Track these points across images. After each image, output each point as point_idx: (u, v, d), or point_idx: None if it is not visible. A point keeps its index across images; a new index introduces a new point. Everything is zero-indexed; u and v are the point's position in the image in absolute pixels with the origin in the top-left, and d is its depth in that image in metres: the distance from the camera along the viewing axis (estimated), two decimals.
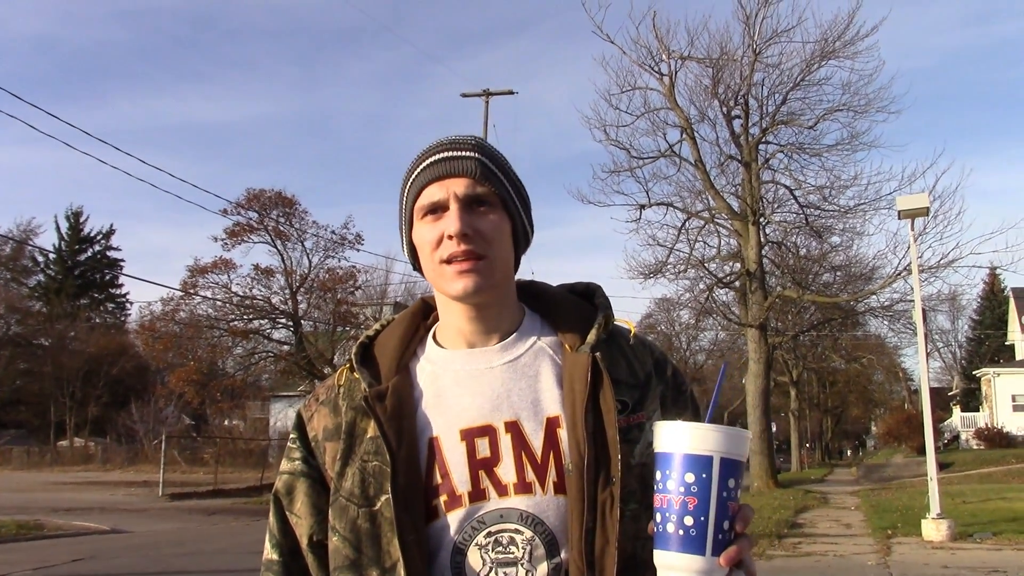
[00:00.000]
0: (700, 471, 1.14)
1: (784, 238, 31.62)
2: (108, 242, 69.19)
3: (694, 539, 1.13)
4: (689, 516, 1.14)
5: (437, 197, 1.39)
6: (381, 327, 1.53)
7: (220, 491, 27.88)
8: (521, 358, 1.43)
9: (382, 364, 1.44)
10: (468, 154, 1.41)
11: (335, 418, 1.43)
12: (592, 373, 1.36)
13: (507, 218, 1.43)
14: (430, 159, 1.41)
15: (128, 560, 12.71)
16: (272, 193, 39.10)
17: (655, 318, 56.82)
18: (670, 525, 1.15)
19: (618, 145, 29.75)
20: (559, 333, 1.46)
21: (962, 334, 70.30)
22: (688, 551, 1.14)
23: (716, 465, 1.14)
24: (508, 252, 1.43)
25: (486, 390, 1.39)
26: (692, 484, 1.14)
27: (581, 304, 1.51)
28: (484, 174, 1.40)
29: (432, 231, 1.39)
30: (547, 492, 1.32)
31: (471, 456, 1.35)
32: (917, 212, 15.96)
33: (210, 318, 39.79)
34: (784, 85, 29.22)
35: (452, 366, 1.43)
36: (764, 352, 29.89)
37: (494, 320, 1.44)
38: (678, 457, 1.15)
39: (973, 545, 13.37)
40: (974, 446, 44.09)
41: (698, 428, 1.16)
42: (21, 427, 57.54)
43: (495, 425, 1.36)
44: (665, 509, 1.16)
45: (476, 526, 1.31)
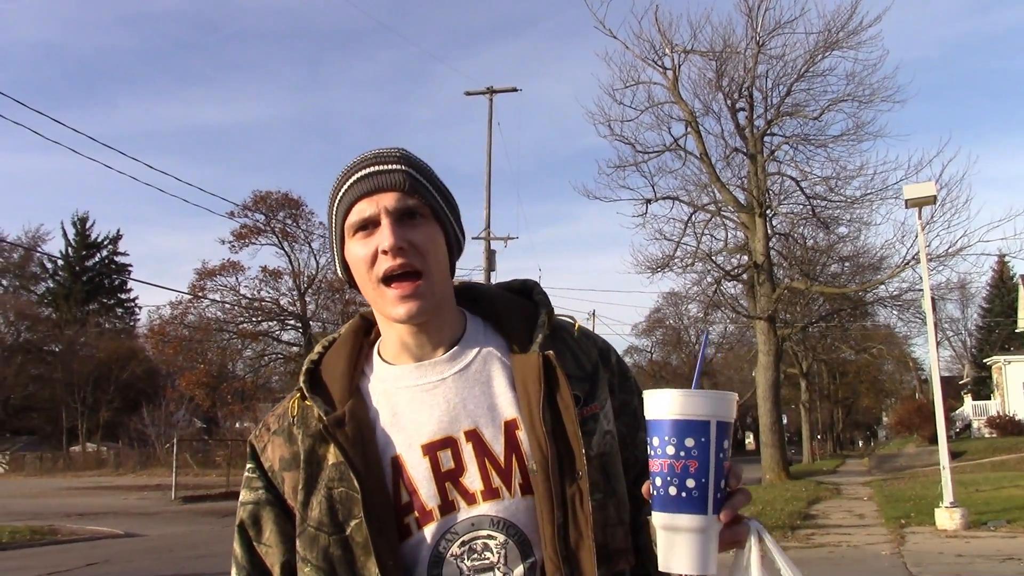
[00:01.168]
0: (699, 435, 1.18)
1: (791, 230, 31.52)
2: (115, 247, 69.43)
3: (696, 500, 1.18)
4: (691, 479, 1.18)
5: (368, 213, 1.37)
6: (324, 348, 1.50)
7: (232, 493, 27.89)
8: (471, 365, 1.42)
9: (332, 389, 1.42)
10: (395, 167, 1.39)
11: (291, 447, 1.41)
12: (544, 371, 1.37)
13: (439, 228, 1.42)
14: (357, 175, 1.39)
15: (142, 564, 12.75)
16: (278, 195, 39.29)
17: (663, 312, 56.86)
18: (672, 488, 1.18)
19: (623, 140, 29.71)
20: (504, 335, 1.46)
21: (972, 322, 70.16)
22: (691, 511, 1.18)
23: (713, 428, 1.18)
24: (444, 262, 1.42)
25: (441, 402, 1.39)
26: (692, 448, 1.18)
27: (521, 302, 1.51)
28: (413, 186, 1.38)
29: (365, 248, 1.37)
30: (514, 495, 1.33)
31: (436, 470, 1.34)
32: (924, 201, 15.90)
33: (219, 321, 39.97)
34: (788, 76, 29.14)
35: (403, 383, 1.42)
36: (773, 344, 29.81)
37: (436, 332, 1.43)
38: (676, 423, 1.19)
39: (987, 533, 13.33)
40: (986, 434, 43.95)
41: (695, 394, 1.19)
42: (33, 433, 57.79)
43: (455, 436, 1.36)
44: (666, 473, 1.19)
45: (449, 538, 1.32)
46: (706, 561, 1.19)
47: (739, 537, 1.21)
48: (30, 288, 65.22)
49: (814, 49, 28.34)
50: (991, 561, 10.67)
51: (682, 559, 1.19)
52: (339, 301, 40.45)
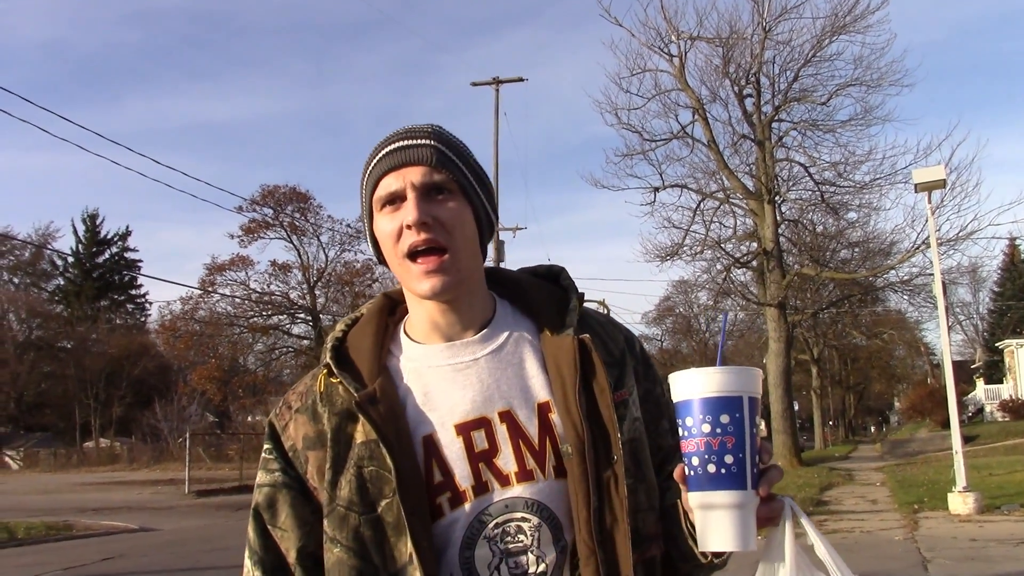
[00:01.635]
0: (733, 411, 1.19)
1: (800, 216, 31.43)
2: (125, 243, 69.65)
3: (736, 475, 1.19)
4: (729, 455, 1.19)
5: (394, 187, 1.36)
6: (347, 326, 1.48)
7: (246, 487, 28.00)
8: (503, 347, 1.42)
9: (361, 365, 1.40)
10: (424, 142, 1.38)
11: (316, 425, 1.39)
12: (580, 355, 1.36)
13: (467, 205, 1.40)
14: (386, 149, 1.39)
15: (157, 558, 12.82)
16: (286, 189, 39.35)
17: (673, 300, 56.78)
18: (710, 466, 1.19)
19: (630, 128, 29.64)
20: (533, 318, 1.45)
21: (983, 306, 69.92)
22: (731, 487, 1.19)
23: (746, 403, 1.20)
24: (471, 240, 1.40)
25: (474, 382, 1.38)
26: (728, 424, 1.19)
27: (548, 287, 1.51)
28: (441, 161, 1.37)
29: (391, 222, 1.37)
30: (548, 477, 1.33)
31: (469, 450, 1.33)
32: (934, 185, 15.82)
33: (229, 315, 40.09)
34: (795, 62, 29.01)
35: (435, 362, 1.40)
36: (784, 331, 29.75)
37: (467, 311, 1.43)
38: (711, 400, 1.20)
39: (1001, 517, 13.30)
40: (999, 418, 43.85)
41: (726, 371, 1.20)
42: (47, 430, 58.12)
43: (489, 416, 1.35)
44: (703, 451, 1.19)
45: (483, 519, 1.31)
46: (747, 537, 1.20)
47: (774, 514, 1.22)
48: (41, 285, 65.55)
49: (821, 34, 28.22)
50: (1005, 545, 10.65)
51: (724, 536, 1.20)
52: (349, 294, 40.52)
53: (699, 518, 1.21)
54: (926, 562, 9.75)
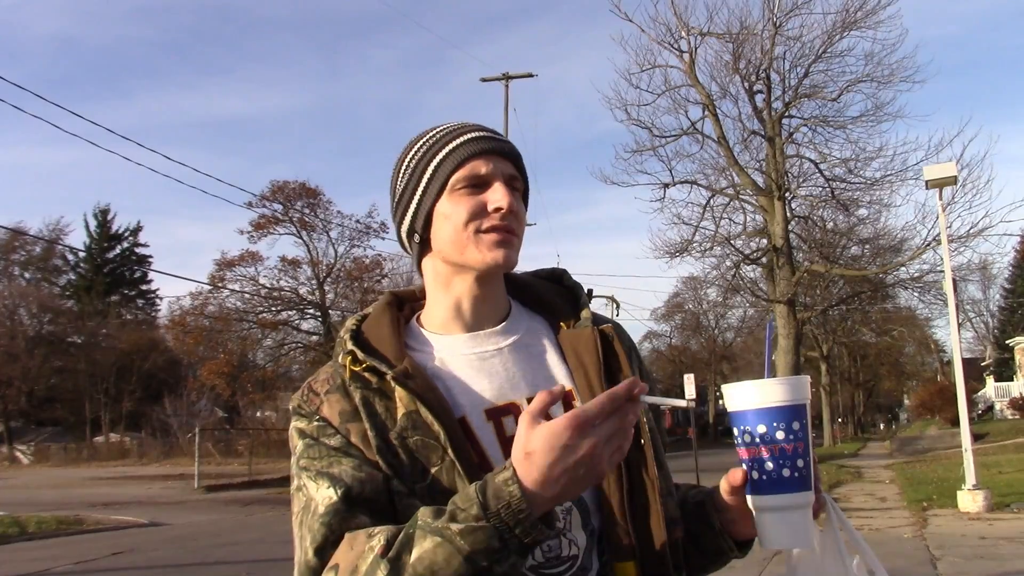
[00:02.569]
0: (801, 418, 1.28)
1: (810, 212, 31.37)
2: (136, 239, 69.83)
3: (805, 478, 1.27)
4: (800, 459, 1.27)
5: (483, 171, 1.38)
6: (357, 322, 1.46)
7: (255, 482, 28.11)
8: (524, 338, 1.45)
9: (384, 352, 1.37)
10: (506, 140, 1.44)
11: (349, 401, 1.35)
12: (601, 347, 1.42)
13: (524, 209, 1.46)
14: (472, 134, 1.41)
15: (167, 552, 12.87)
16: (296, 184, 39.39)
17: (682, 297, 56.75)
18: (786, 470, 1.26)
19: (640, 124, 29.64)
20: (544, 314, 1.50)
21: (994, 303, 69.59)
22: (801, 489, 1.27)
23: (808, 410, 1.30)
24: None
25: (500, 371, 1.40)
26: (799, 430, 1.27)
27: (555, 287, 1.55)
28: (518, 162, 1.44)
29: (470, 202, 1.37)
30: None
31: (500, 435, 1.35)
32: (945, 181, 15.78)
33: (239, 311, 40.18)
34: (806, 58, 28.96)
35: (460, 351, 1.41)
36: (793, 327, 29.71)
37: (492, 302, 1.45)
38: (784, 408, 1.27)
39: (1010, 515, 13.27)
40: (1009, 416, 43.71)
41: (794, 381, 1.29)
42: (57, 424, 58.34)
43: (518, 402, 1.37)
44: (777, 456, 1.26)
45: None
46: (810, 535, 1.29)
47: (819, 509, 1.32)
48: (52, 280, 65.73)
49: (832, 29, 28.16)
50: (1015, 543, 10.63)
51: (794, 536, 1.28)
52: (358, 290, 40.55)
53: (769, 519, 1.29)
54: (935, 560, 9.73)
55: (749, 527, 1.36)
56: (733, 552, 1.42)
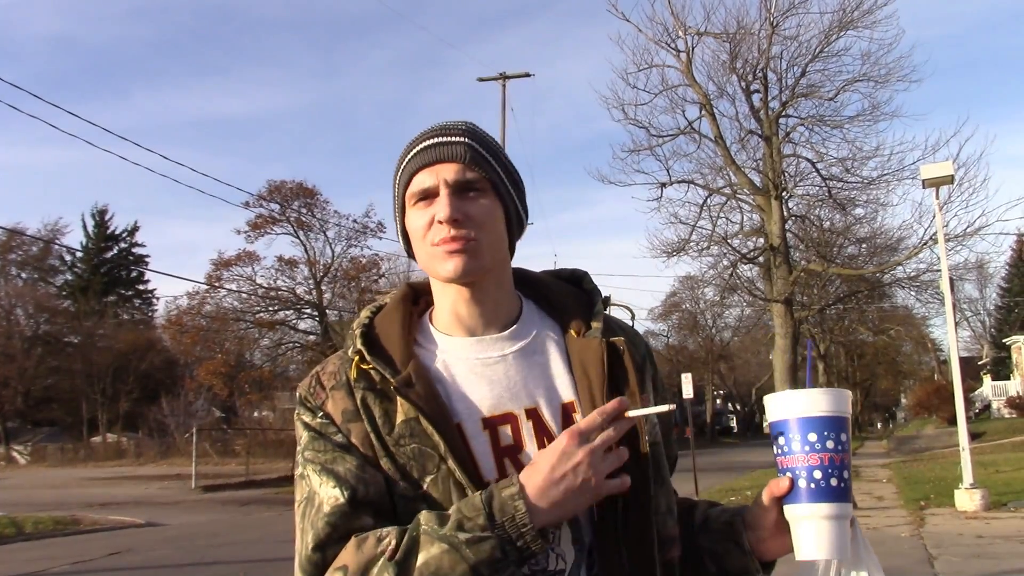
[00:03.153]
0: (846, 429, 1.30)
1: (807, 211, 31.37)
2: (133, 239, 69.82)
3: (848, 489, 1.29)
4: (845, 470, 1.29)
5: (427, 184, 1.38)
6: (372, 313, 1.47)
7: (252, 482, 28.12)
8: (530, 345, 1.43)
9: (391, 351, 1.38)
10: (458, 139, 1.40)
11: (352, 400, 1.36)
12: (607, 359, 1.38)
13: (499, 203, 1.41)
14: (420, 145, 1.40)
15: (164, 552, 12.86)
16: (293, 184, 39.35)
17: (679, 296, 56.72)
18: (833, 480, 1.27)
19: (637, 124, 29.59)
20: (558, 319, 1.47)
21: (991, 302, 69.63)
22: (844, 500, 1.28)
23: (849, 424, 1.32)
24: (500, 236, 1.42)
25: (502, 378, 1.38)
26: (845, 442, 1.29)
27: (573, 290, 1.52)
28: (474, 159, 1.39)
29: (423, 216, 1.38)
30: None
31: (495, 444, 1.34)
32: (941, 181, 15.80)
33: (236, 310, 40.13)
34: (803, 57, 28.91)
35: (464, 355, 1.41)
36: (790, 327, 29.69)
37: (491, 305, 1.43)
38: (836, 419, 1.29)
39: (1007, 514, 13.29)
40: (1006, 415, 43.75)
41: (845, 394, 1.31)
42: (54, 424, 58.30)
43: (515, 413, 1.36)
44: (826, 466, 1.28)
45: None
46: (845, 546, 1.29)
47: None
48: (49, 280, 65.65)
49: (829, 29, 28.12)
50: (1011, 542, 10.64)
51: (832, 545, 1.27)
52: (355, 289, 40.51)
53: (812, 529, 1.28)
54: (932, 559, 9.74)
55: (776, 546, 1.37)
56: (759, 573, 1.41)
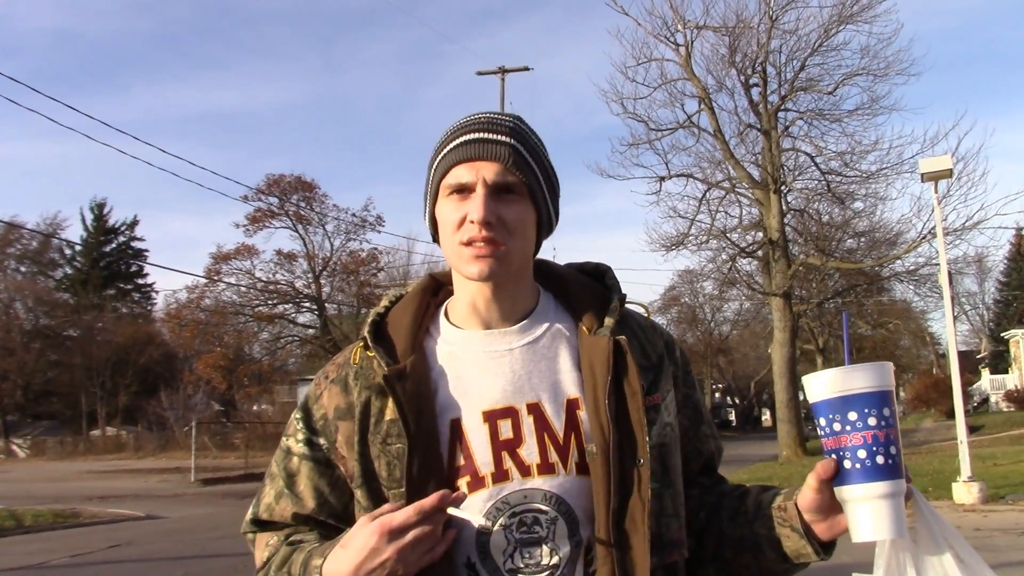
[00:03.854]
0: (891, 404, 1.26)
1: (806, 205, 31.40)
2: (132, 232, 69.74)
3: (897, 465, 1.25)
4: (892, 446, 1.25)
5: (465, 179, 1.37)
6: (391, 303, 1.51)
7: (251, 475, 28.12)
8: (540, 340, 1.43)
9: (397, 342, 1.42)
10: (503, 139, 1.38)
11: (346, 397, 1.41)
12: (614, 356, 1.37)
13: (532, 208, 1.41)
14: (464, 138, 1.39)
15: (164, 545, 12.88)
16: (292, 178, 39.29)
17: (678, 290, 56.68)
18: (879, 457, 1.24)
19: (636, 118, 29.63)
20: (573, 314, 1.46)
21: (989, 296, 69.66)
22: (895, 477, 1.25)
23: (894, 396, 1.28)
24: (529, 241, 1.42)
25: (507, 372, 1.39)
26: (890, 416, 1.26)
27: (593, 285, 1.51)
28: (516, 163, 1.38)
29: (455, 211, 1.37)
30: (570, 473, 1.34)
31: (494, 438, 1.35)
32: (940, 175, 15.80)
33: (235, 304, 40.11)
34: (802, 51, 28.96)
35: (471, 347, 1.42)
36: (789, 320, 29.74)
37: (510, 301, 1.44)
38: (875, 394, 1.25)
39: (1005, 507, 13.31)
40: (1004, 408, 43.80)
41: (882, 367, 1.27)
42: (54, 418, 58.34)
43: (517, 407, 1.37)
44: (870, 444, 1.24)
45: (500, 507, 1.32)
46: (902, 524, 1.25)
47: (908, 497, 1.28)
48: (48, 274, 65.63)
49: (828, 23, 28.16)
50: (1009, 535, 10.67)
51: (887, 525, 1.24)
52: (354, 283, 40.51)
53: (863, 509, 1.25)
54: None
55: (831, 528, 1.35)
56: (820, 555, 1.38)
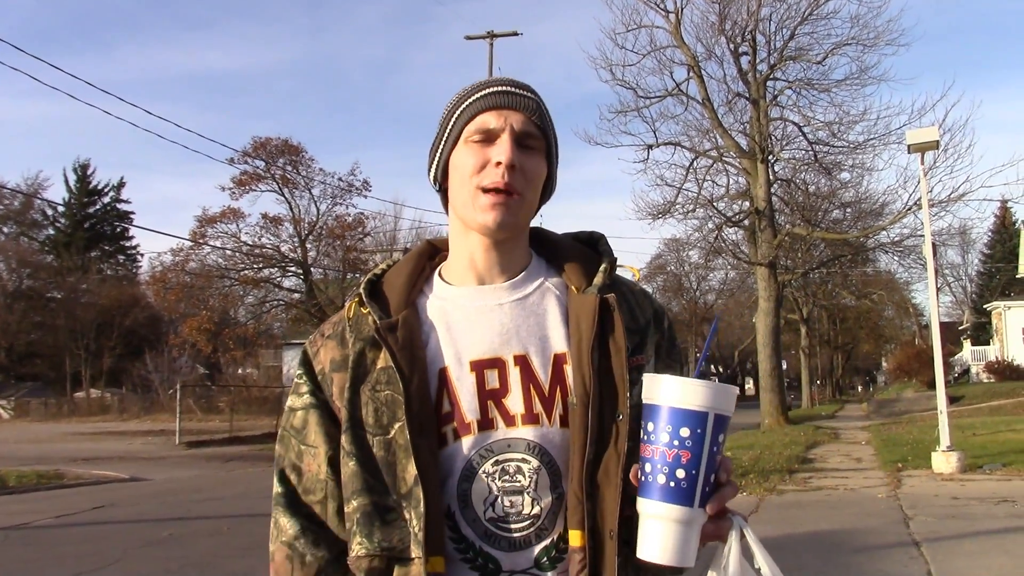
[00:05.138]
0: (695, 426, 1.17)
1: (793, 175, 31.43)
2: (118, 194, 69.25)
3: (684, 491, 1.18)
4: (681, 469, 1.17)
5: (493, 124, 1.41)
6: (388, 266, 1.54)
7: (236, 438, 28.19)
8: (529, 296, 1.46)
9: (391, 299, 1.45)
10: (530, 95, 1.45)
11: (342, 350, 1.45)
12: (600, 313, 1.38)
13: (545, 165, 1.46)
14: (493, 88, 1.44)
15: (148, 507, 12.92)
16: (278, 141, 38.98)
17: (664, 258, 56.75)
18: (660, 476, 1.18)
19: (624, 85, 29.53)
20: (564, 276, 1.48)
21: (973, 268, 70.18)
22: (677, 502, 1.18)
23: (710, 421, 1.18)
24: (537, 197, 1.46)
25: (495, 325, 1.42)
26: (687, 439, 1.17)
27: (585, 251, 1.53)
28: (540, 117, 1.44)
29: (477, 155, 1.41)
30: (553, 424, 1.36)
31: (480, 387, 1.37)
32: (927, 146, 15.83)
33: (220, 268, 39.91)
34: (792, 20, 28.87)
35: (461, 302, 1.45)
36: (774, 290, 29.86)
37: (506, 256, 1.47)
38: (674, 411, 1.18)
39: (983, 476, 13.48)
40: (984, 379, 44.22)
41: (696, 384, 1.18)
42: (37, 379, 58.22)
43: (504, 358, 1.39)
44: (657, 460, 1.19)
45: (484, 454, 1.34)
46: (686, 553, 1.19)
47: (722, 531, 1.23)
48: (31, 235, 65.19)
49: None
50: (986, 503, 10.81)
51: (663, 549, 1.19)
52: (340, 248, 40.37)
53: (643, 526, 1.22)
54: (908, 519, 9.89)
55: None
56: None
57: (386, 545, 1.33)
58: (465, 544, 1.34)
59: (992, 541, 8.54)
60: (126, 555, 8.91)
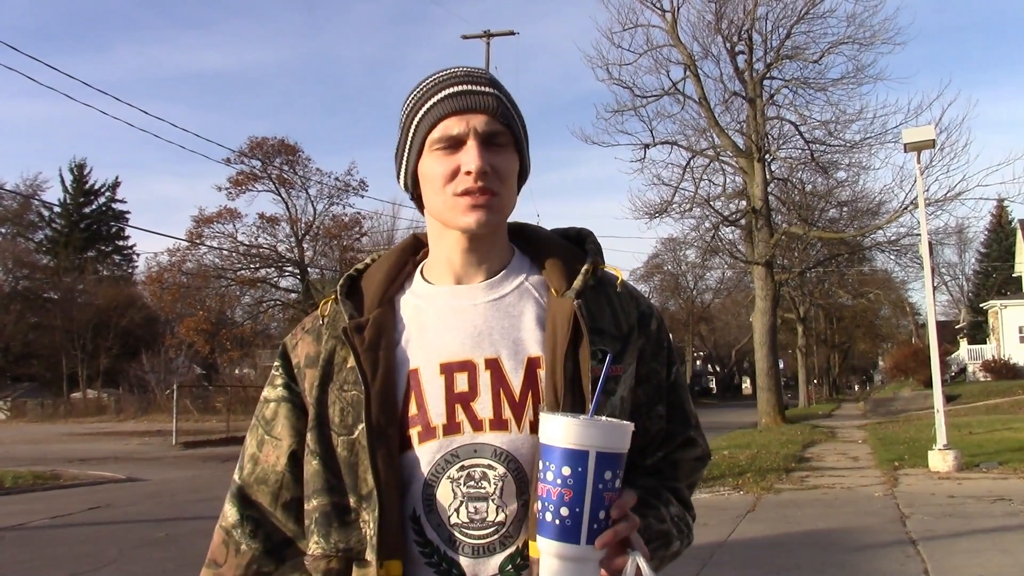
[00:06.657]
0: (576, 465, 1.18)
1: (790, 174, 31.45)
2: (114, 194, 69.08)
3: (569, 528, 1.18)
4: (565, 507, 1.18)
5: (455, 131, 1.36)
6: (372, 261, 1.53)
7: (233, 439, 28.11)
8: (506, 297, 1.42)
9: (367, 297, 1.44)
10: (487, 90, 1.40)
11: (316, 346, 1.44)
12: (577, 320, 1.35)
13: (516, 157, 1.42)
14: (449, 90, 1.39)
15: (144, 507, 12.90)
16: (275, 141, 39.06)
17: (661, 258, 56.86)
18: (548, 514, 1.19)
19: (621, 84, 29.52)
20: (546, 276, 1.45)
21: (969, 267, 70.28)
22: (564, 539, 1.19)
23: (592, 460, 1.18)
24: (514, 191, 1.43)
25: (468, 326, 1.39)
26: (568, 477, 1.18)
27: (571, 248, 1.49)
28: (502, 112, 1.39)
29: (446, 164, 1.37)
30: (523, 431, 1.33)
31: (449, 390, 1.35)
32: (923, 145, 15.83)
33: (217, 268, 39.97)
34: (788, 19, 28.88)
35: (437, 301, 1.43)
36: (771, 289, 29.87)
37: (485, 254, 1.44)
38: (557, 450, 1.19)
39: (979, 475, 13.49)
40: (981, 378, 44.26)
41: (575, 423, 1.18)
42: (34, 380, 58.05)
43: (475, 360, 1.36)
44: (545, 499, 1.20)
45: (449, 459, 1.32)
46: None
47: (617, 568, 1.22)
48: (28, 236, 65.03)
49: None
50: (982, 502, 10.81)
51: None
52: (336, 247, 40.41)
53: (541, 563, 1.23)
54: (904, 518, 9.89)
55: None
56: None
57: (343, 546, 1.33)
58: (430, 548, 1.33)
59: (988, 539, 8.54)
60: (122, 556, 8.90)
